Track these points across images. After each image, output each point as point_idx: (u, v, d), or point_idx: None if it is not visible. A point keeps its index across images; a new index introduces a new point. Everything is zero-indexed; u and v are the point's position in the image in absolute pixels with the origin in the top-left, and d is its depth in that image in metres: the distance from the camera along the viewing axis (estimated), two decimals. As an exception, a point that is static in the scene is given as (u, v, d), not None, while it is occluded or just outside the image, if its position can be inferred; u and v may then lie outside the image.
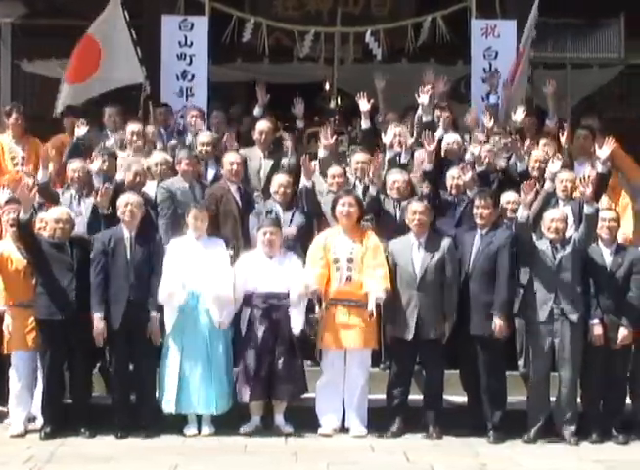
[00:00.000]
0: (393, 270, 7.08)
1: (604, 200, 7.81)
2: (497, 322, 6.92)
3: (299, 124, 9.21)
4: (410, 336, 6.98)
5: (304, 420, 7.07)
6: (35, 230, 7.13)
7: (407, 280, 7.04)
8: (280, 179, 7.81)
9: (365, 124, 8.81)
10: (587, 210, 6.99)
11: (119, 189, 7.61)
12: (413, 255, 7.09)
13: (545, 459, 6.54)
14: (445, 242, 7.12)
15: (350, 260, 7.08)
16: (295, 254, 7.32)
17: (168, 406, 7.01)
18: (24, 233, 6.96)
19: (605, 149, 7.68)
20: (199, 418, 7.07)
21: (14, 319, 7.16)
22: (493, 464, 6.39)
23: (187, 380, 7.00)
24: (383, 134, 8.52)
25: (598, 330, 6.92)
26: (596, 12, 11.34)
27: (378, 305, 7.00)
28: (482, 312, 6.97)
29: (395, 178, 7.78)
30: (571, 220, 7.41)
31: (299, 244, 7.57)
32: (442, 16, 10.33)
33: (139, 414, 7.07)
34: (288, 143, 8.82)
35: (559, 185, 7.73)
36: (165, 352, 7.10)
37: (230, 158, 8.01)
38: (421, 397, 7.17)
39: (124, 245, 7.09)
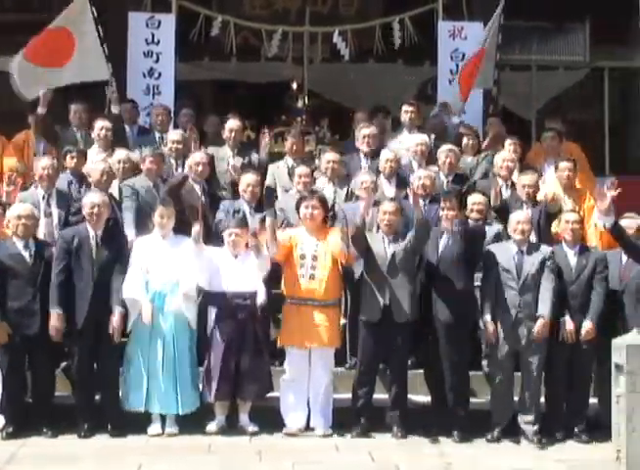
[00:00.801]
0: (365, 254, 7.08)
1: (569, 202, 7.89)
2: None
3: None
4: (377, 318, 6.97)
5: (269, 420, 7.06)
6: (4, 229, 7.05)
7: (375, 264, 7.03)
8: (248, 178, 7.80)
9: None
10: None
11: None
12: (384, 242, 7.11)
13: (509, 458, 6.57)
14: (411, 233, 7.15)
15: (315, 258, 7.10)
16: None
17: (131, 405, 6.97)
18: None
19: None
20: (163, 418, 7.03)
21: None
22: (458, 463, 6.42)
23: (151, 379, 6.95)
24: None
25: (570, 325, 6.96)
26: (562, 16, 11.47)
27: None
28: (449, 310, 6.98)
29: (363, 179, 7.80)
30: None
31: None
32: (410, 17, 10.38)
33: (103, 414, 7.02)
34: (266, 140, 8.77)
35: (521, 190, 7.79)
36: (129, 352, 7.06)
37: (195, 158, 7.98)
38: (386, 396, 7.19)
39: (89, 244, 7.02)
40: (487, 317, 7.02)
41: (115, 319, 6.90)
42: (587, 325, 7.00)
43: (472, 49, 10.09)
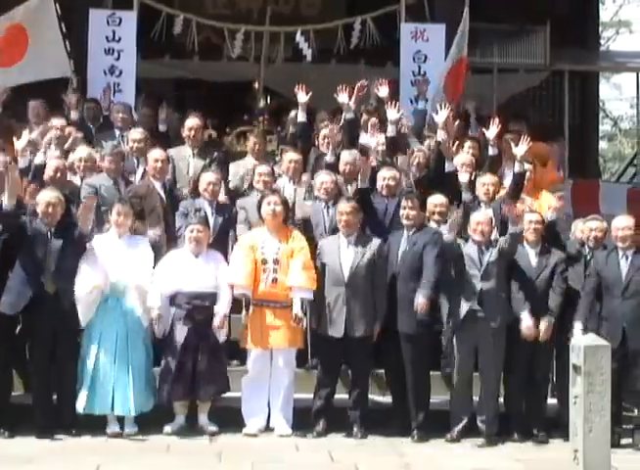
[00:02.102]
0: (321, 269, 7.10)
1: (527, 200, 7.96)
2: (420, 300, 6.97)
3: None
4: (339, 334, 7.00)
5: (229, 420, 7.04)
6: None
7: (335, 279, 7.06)
8: (209, 177, 7.77)
9: (302, 117, 8.76)
10: (512, 228, 7.09)
11: None
12: (341, 254, 7.11)
13: (467, 458, 6.61)
14: (375, 242, 7.17)
15: (276, 261, 7.08)
16: (219, 252, 7.29)
17: (81, 406, 6.88)
18: None
19: (521, 148, 7.75)
20: (122, 418, 6.97)
21: None
22: (417, 463, 6.45)
23: (103, 380, 6.88)
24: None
25: (528, 321, 7.01)
26: (523, 19, 11.57)
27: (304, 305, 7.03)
28: (410, 310, 7.01)
29: (323, 179, 7.80)
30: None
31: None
32: (372, 18, 10.40)
33: (61, 414, 6.95)
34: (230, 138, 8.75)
35: (481, 188, 7.83)
36: (83, 352, 6.98)
37: (154, 155, 7.91)
38: (346, 396, 7.20)
39: (43, 242, 6.92)
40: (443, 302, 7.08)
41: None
42: (545, 324, 7.07)
43: (434, 51, 10.15)
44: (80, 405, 6.88)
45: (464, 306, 7.02)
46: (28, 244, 6.89)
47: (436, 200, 7.64)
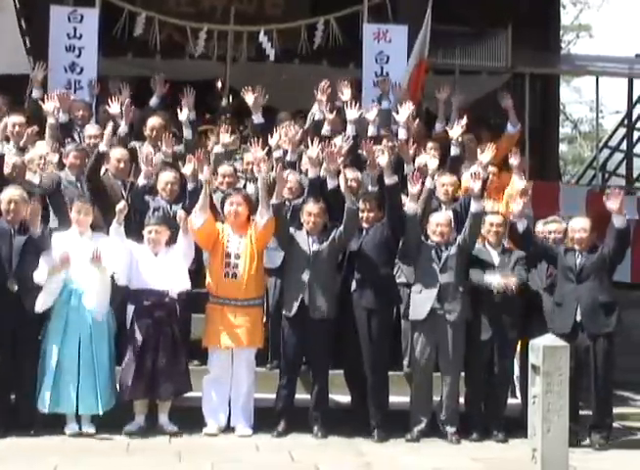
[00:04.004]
0: (289, 249, 7.12)
1: (489, 203, 8.02)
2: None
3: (191, 116, 9.04)
4: (293, 312, 7.00)
5: (190, 420, 7.01)
6: None
7: (300, 260, 7.07)
8: (166, 177, 7.73)
9: (257, 119, 8.75)
10: (474, 207, 7.15)
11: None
12: (308, 244, 7.15)
13: (427, 458, 6.64)
14: (335, 232, 7.18)
15: (237, 256, 7.08)
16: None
17: (44, 405, 6.83)
18: None
19: (486, 154, 7.80)
20: (79, 417, 6.92)
21: None
22: (377, 463, 6.47)
23: (65, 378, 6.84)
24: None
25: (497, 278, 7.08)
26: (485, 21, 11.64)
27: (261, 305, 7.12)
28: (366, 313, 7.07)
29: (290, 179, 7.79)
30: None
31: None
32: (335, 18, 10.41)
33: (18, 413, 6.88)
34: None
35: (440, 188, 7.88)
36: (44, 350, 6.93)
37: (116, 154, 7.86)
38: (307, 396, 7.21)
39: (6, 240, 6.87)
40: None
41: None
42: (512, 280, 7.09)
43: (396, 52, 10.19)
44: (44, 405, 6.81)
45: (426, 306, 7.05)
46: None
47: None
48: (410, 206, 7.16)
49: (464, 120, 8.32)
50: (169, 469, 6.28)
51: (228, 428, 7.06)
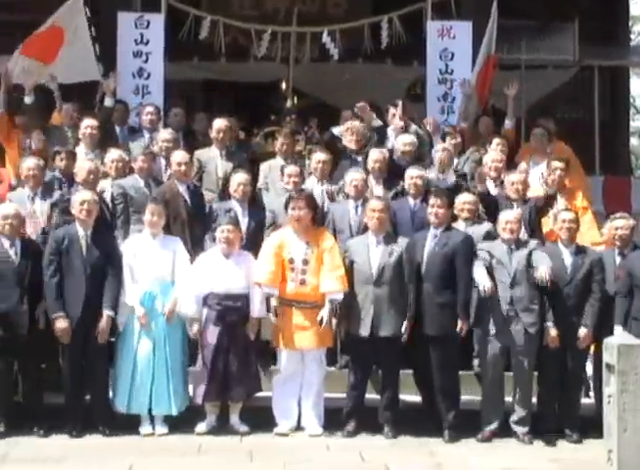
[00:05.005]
0: (349, 268, 7.08)
1: (561, 201, 7.90)
2: (460, 324, 6.97)
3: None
4: (366, 333, 6.99)
5: (260, 420, 7.04)
6: None
7: (364, 277, 7.04)
8: (239, 178, 7.78)
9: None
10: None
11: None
12: (370, 253, 7.09)
13: (499, 458, 6.57)
14: (402, 241, 7.15)
15: (305, 262, 7.04)
16: (250, 253, 7.32)
17: (120, 406, 6.95)
18: None
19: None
20: (152, 417, 7.01)
21: None
22: (448, 463, 6.42)
23: (140, 379, 6.94)
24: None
25: (553, 332, 6.97)
26: (551, 15, 11.49)
27: (334, 306, 7.02)
28: (437, 313, 6.99)
29: (354, 177, 7.80)
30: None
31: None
32: (399, 16, 10.37)
33: (93, 413, 7.00)
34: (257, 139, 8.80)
35: (510, 187, 7.78)
36: (119, 352, 7.04)
37: (177, 158, 7.91)
38: (377, 396, 7.18)
39: (80, 244, 6.99)
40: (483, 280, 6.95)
41: (104, 321, 6.89)
42: (583, 332, 6.99)
43: (461, 48, 10.10)
44: (120, 405, 6.93)
45: (498, 309, 6.95)
46: (67, 246, 6.96)
47: (465, 198, 7.59)
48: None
49: None
50: (241, 469, 6.33)
51: (298, 428, 7.08)
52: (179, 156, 7.93)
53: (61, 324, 6.84)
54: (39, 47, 9.28)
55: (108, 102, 9.17)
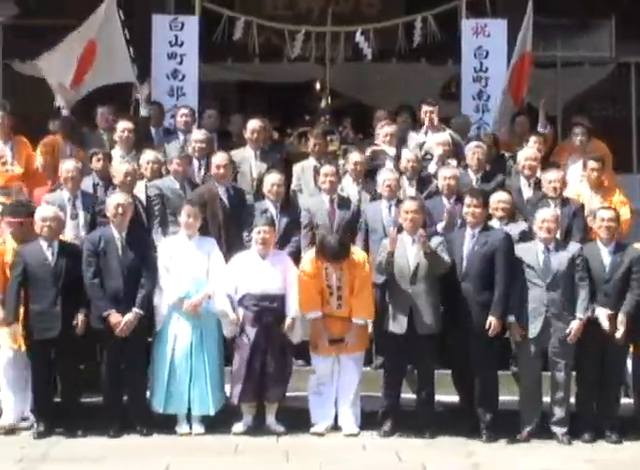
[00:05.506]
0: (388, 267, 7.02)
1: (596, 199, 7.82)
2: (493, 322, 6.92)
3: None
4: (401, 330, 6.96)
5: (297, 420, 7.05)
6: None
7: (399, 276, 7.01)
8: (273, 178, 7.80)
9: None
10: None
11: None
12: (407, 251, 7.06)
13: (538, 459, 6.52)
14: (437, 240, 7.12)
15: (339, 289, 7.03)
16: (286, 254, 7.33)
17: (157, 406, 6.99)
18: None
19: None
20: (189, 417, 7.04)
21: None
22: (486, 464, 6.39)
23: (178, 379, 6.98)
24: None
25: (604, 319, 6.88)
26: (587, 12, 11.38)
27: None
28: (479, 312, 6.94)
29: (387, 176, 7.78)
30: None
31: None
32: (433, 15, 10.33)
33: (131, 413, 7.04)
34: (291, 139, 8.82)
35: (547, 185, 7.72)
36: (156, 352, 7.08)
37: (216, 160, 7.95)
38: (413, 396, 7.16)
39: (115, 245, 7.05)
40: (512, 318, 6.97)
41: (131, 316, 6.92)
42: (620, 317, 6.90)
43: (496, 46, 10.04)
44: (159, 405, 6.97)
45: (536, 309, 6.90)
46: (103, 248, 7.03)
47: (500, 196, 7.54)
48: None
49: None
50: (278, 469, 6.34)
51: (335, 428, 7.07)
52: (218, 158, 7.96)
53: (115, 319, 6.90)
54: (79, 72, 9.36)
55: (143, 111, 9.22)
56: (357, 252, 7.19)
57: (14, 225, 7.25)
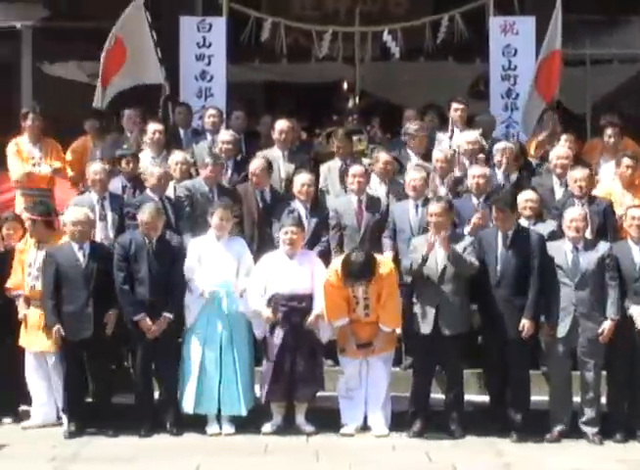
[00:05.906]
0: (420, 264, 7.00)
1: (628, 197, 7.74)
2: (526, 324, 6.89)
3: None
4: (428, 331, 6.95)
5: (326, 420, 7.06)
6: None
7: (429, 275, 7.00)
8: (302, 178, 7.81)
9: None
10: None
11: None
12: (436, 252, 7.02)
13: (569, 459, 6.49)
14: (467, 240, 7.09)
15: (366, 299, 7.00)
16: (315, 253, 7.34)
17: (188, 407, 7.03)
18: None
19: None
20: (219, 417, 7.07)
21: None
22: (516, 464, 6.37)
23: (208, 380, 7.01)
24: None
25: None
26: (616, 9, 11.29)
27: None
28: (514, 314, 6.91)
29: (413, 176, 7.76)
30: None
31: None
32: (460, 13, 10.30)
33: (162, 414, 7.09)
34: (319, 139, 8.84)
35: (573, 184, 7.64)
36: (186, 352, 7.12)
37: (251, 166, 7.97)
38: (442, 396, 7.15)
39: (146, 249, 7.08)
40: (541, 318, 6.94)
41: (162, 321, 6.99)
42: None
43: (524, 44, 9.99)
44: (189, 406, 7.01)
45: (566, 309, 6.87)
46: (135, 251, 7.08)
47: (528, 195, 7.49)
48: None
49: None
50: (308, 469, 6.35)
51: (365, 428, 7.07)
52: (254, 164, 7.98)
53: (146, 324, 6.95)
54: (108, 72, 9.44)
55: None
56: (384, 263, 7.11)
57: (32, 222, 7.29)
